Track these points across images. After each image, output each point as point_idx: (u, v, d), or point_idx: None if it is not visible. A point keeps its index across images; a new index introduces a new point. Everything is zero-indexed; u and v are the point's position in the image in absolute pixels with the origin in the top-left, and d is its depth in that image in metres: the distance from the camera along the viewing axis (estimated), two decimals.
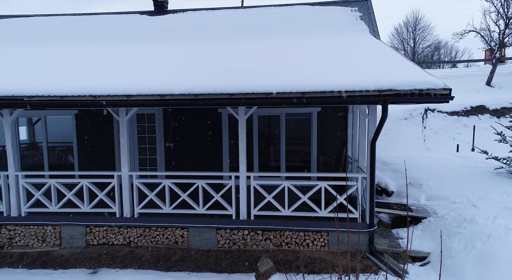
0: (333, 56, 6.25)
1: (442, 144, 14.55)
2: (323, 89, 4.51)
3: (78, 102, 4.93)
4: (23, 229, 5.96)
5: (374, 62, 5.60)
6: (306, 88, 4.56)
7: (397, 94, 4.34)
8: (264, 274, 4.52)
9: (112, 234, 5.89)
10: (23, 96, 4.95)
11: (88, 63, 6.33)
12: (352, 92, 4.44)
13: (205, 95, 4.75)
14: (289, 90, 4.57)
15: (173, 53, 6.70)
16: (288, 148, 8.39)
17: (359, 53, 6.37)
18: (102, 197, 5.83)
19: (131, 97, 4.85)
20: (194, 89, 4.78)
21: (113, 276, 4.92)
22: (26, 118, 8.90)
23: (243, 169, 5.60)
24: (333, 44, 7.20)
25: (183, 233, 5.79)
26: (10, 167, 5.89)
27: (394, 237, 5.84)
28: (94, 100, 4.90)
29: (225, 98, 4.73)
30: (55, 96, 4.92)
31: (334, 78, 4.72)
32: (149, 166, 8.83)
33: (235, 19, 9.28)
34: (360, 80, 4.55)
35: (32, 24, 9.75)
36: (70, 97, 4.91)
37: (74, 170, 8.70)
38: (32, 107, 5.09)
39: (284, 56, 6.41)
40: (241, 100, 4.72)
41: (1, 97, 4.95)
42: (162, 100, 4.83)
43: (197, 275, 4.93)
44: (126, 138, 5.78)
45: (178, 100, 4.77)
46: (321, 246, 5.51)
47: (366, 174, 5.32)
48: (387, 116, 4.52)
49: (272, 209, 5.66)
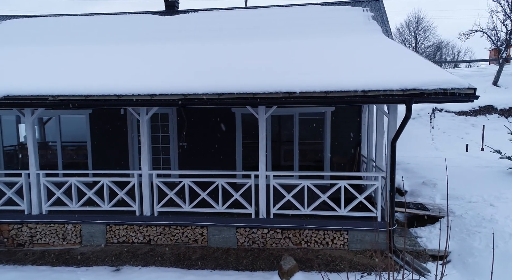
0: (350, 56, 6.28)
1: (450, 144, 14.55)
2: (346, 88, 4.54)
3: (102, 101, 4.99)
4: (44, 227, 6.03)
5: (393, 62, 5.63)
6: (329, 88, 4.59)
7: (421, 93, 4.37)
8: (288, 272, 4.56)
9: (132, 232, 5.94)
10: (48, 95, 5.01)
11: (108, 63, 6.38)
12: (376, 91, 4.47)
13: (228, 95, 4.79)
14: (313, 90, 4.60)
15: (192, 52, 6.75)
16: (301, 147, 8.42)
17: (376, 53, 6.40)
18: (122, 195, 5.88)
19: (154, 96, 4.90)
20: (218, 89, 4.82)
21: (137, 274, 4.97)
22: (37, 118, 8.96)
23: (262, 168, 5.64)
24: (348, 44, 7.23)
25: (203, 232, 5.84)
26: (32, 166, 5.95)
27: (413, 236, 5.87)
28: (118, 100, 4.96)
29: (248, 97, 4.77)
30: (79, 96, 4.98)
31: (357, 78, 4.75)
32: (162, 165, 8.89)
33: (247, 19, 9.32)
34: (383, 80, 4.58)
35: (46, 24, 9.83)
36: (94, 97, 4.97)
37: (88, 169, 8.77)
38: (56, 106, 5.15)
39: (301, 56, 6.45)
40: (264, 100, 4.76)
41: (26, 97, 5.01)
42: (185, 100, 4.87)
43: (220, 273, 4.97)
44: (146, 137, 5.83)
45: (202, 99, 4.82)
46: (340, 244, 5.54)
47: (386, 173, 5.35)
48: (410, 116, 4.55)
49: (292, 208, 5.70)
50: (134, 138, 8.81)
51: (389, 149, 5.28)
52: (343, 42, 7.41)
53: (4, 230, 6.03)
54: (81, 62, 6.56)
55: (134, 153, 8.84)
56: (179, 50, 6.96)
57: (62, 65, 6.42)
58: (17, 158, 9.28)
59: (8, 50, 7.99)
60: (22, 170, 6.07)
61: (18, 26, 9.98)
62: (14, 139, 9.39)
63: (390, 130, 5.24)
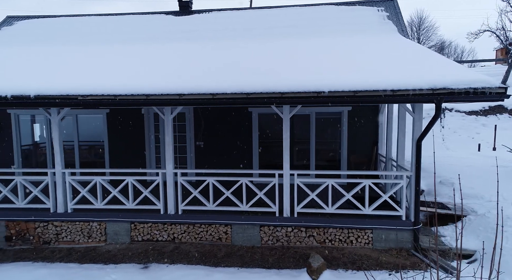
0: (372, 55, 6.30)
1: (461, 143, 14.53)
2: (375, 88, 4.58)
3: (131, 101, 5.05)
4: (69, 225, 6.10)
5: (417, 61, 5.65)
6: (358, 87, 4.63)
7: (451, 92, 4.40)
8: (317, 270, 4.60)
9: (157, 231, 6.00)
10: (78, 95, 5.08)
11: (132, 63, 6.45)
12: (405, 91, 4.50)
13: (256, 94, 4.84)
14: (341, 89, 4.64)
15: (216, 52, 6.81)
16: (318, 147, 8.46)
17: (397, 52, 6.42)
18: (146, 194, 5.95)
19: (183, 96, 4.95)
20: (245, 88, 4.87)
21: (165, 271, 5.03)
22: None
23: (286, 167, 5.69)
24: (366, 44, 7.25)
25: (227, 230, 5.89)
26: (57, 165, 6.03)
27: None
28: (147, 99, 5.02)
29: (276, 97, 4.82)
30: (108, 95, 5.04)
31: (384, 77, 4.78)
32: (179, 165, 8.96)
33: (263, 19, 9.36)
34: (411, 79, 4.61)
35: (61, 24, 9.93)
36: (123, 96, 5.03)
37: (105, 167, 8.84)
38: (86, 106, 5.22)
39: (323, 55, 6.49)
40: (293, 99, 4.80)
41: (56, 96, 5.08)
42: (214, 99, 4.92)
43: (247, 271, 5.02)
44: (171, 136, 5.88)
45: (230, 99, 4.87)
46: (365, 243, 5.58)
47: (411, 173, 5.38)
48: (440, 115, 4.58)
49: (315, 206, 5.74)
50: (151, 138, 8.88)
51: (414, 149, 5.31)
52: (360, 42, 7.43)
53: (30, 228, 6.12)
54: (105, 62, 6.63)
55: (151, 152, 8.91)
56: (202, 50, 7.03)
57: (87, 65, 6.49)
58: (33, 157, 9.37)
59: (28, 50, 8.08)
60: (48, 168, 6.14)
61: (32, 26, 10.09)
62: (29, 138, 9.47)
63: (416, 129, 5.26)
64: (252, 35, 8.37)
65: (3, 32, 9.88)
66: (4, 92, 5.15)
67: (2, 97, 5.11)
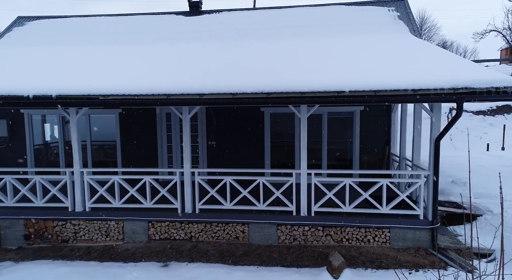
0: (386, 55, 6.32)
1: (469, 143, 14.51)
2: (396, 87, 4.60)
3: (152, 100, 5.10)
4: (87, 223, 6.16)
5: (434, 61, 5.66)
6: (378, 87, 4.66)
7: (472, 92, 4.42)
8: (338, 268, 4.63)
9: (174, 229, 6.05)
10: (99, 95, 5.13)
11: (148, 62, 6.50)
12: (426, 90, 4.52)
13: (276, 94, 4.88)
14: (362, 89, 4.67)
15: (232, 52, 6.85)
16: (330, 146, 8.48)
17: (412, 52, 6.43)
18: (164, 193, 6.00)
19: (203, 95, 5.00)
20: (265, 88, 4.91)
21: (185, 269, 5.07)
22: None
23: (304, 166, 5.72)
24: (380, 44, 7.27)
25: (244, 229, 5.93)
26: (76, 164, 6.08)
27: (452, 234, 5.90)
28: (168, 99, 5.06)
29: (296, 96, 4.85)
30: (129, 95, 5.09)
31: (405, 77, 4.81)
32: (192, 164, 8.99)
33: (274, 19, 9.39)
34: (432, 79, 4.63)
35: (73, 24, 10.00)
36: (144, 96, 5.08)
37: (117, 167, 8.90)
38: (106, 105, 5.27)
39: (337, 55, 6.51)
40: (313, 99, 4.83)
41: (78, 96, 5.14)
42: (234, 99, 4.97)
43: (267, 269, 5.06)
44: (189, 136, 5.93)
45: (251, 98, 4.91)
46: (382, 242, 5.60)
47: (429, 172, 5.40)
48: (461, 114, 4.60)
49: (332, 205, 5.77)
50: (163, 137, 8.94)
51: (432, 148, 5.33)
52: (373, 42, 7.45)
53: (49, 227, 6.17)
54: (122, 62, 6.68)
55: (163, 152, 8.97)
56: (218, 50, 7.07)
57: (104, 65, 6.55)
58: (44, 157, 9.44)
59: (43, 50, 8.15)
60: (63, 168, 6.20)
61: (44, 26, 10.16)
62: (39, 138, 9.53)
63: (434, 129, 5.29)
64: (264, 35, 8.41)
65: (15, 33, 9.96)
66: (26, 92, 5.21)
67: (24, 97, 5.17)
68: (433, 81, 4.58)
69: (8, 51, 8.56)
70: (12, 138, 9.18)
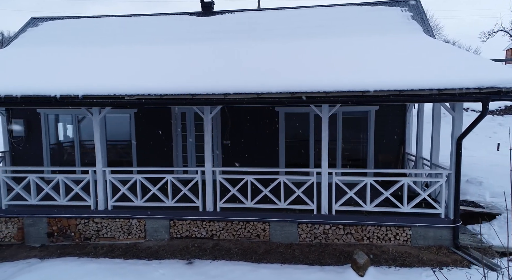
0: (405, 55, 6.36)
1: (478, 143, 14.50)
2: (421, 87, 4.65)
3: (177, 100, 5.16)
4: (110, 222, 6.24)
5: (455, 60, 5.69)
6: (403, 86, 4.70)
7: (498, 91, 4.46)
8: (363, 266, 4.68)
9: (195, 228, 6.12)
10: (124, 95, 5.20)
11: (171, 63, 6.57)
12: (452, 90, 4.57)
13: (300, 93, 4.93)
14: (387, 89, 4.72)
15: (251, 51, 6.91)
16: (345, 146, 8.53)
17: (430, 52, 6.46)
18: (185, 191, 6.07)
19: (228, 95, 5.06)
20: (290, 88, 4.96)
21: (210, 267, 5.14)
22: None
23: (325, 165, 5.78)
24: (397, 44, 7.30)
25: (265, 227, 5.99)
26: (98, 163, 6.17)
27: (472, 233, 5.94)
28: (192, 99, 5.13)
29: (320, 96, 4.91)
30: (155, 95, 5.16)
31: (429, 77, 4.85)
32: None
33: (287, 19, 9.44)
34: (457, 79, 4.67)
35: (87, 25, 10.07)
36: (169, 96, 5.14)
37: (132, 166, 8.98)
38: (131, 105, 5.34)
39: (356, 55, 6.56)
40: (337, 98, 4.88)
41: (104, 96, 5.21)
42: (258, 98, 5.02)
43: (291, 267, 5.12)
44: (210, 135, 5.99)
45: (276, 98, 4.97)
46: (403, 240, 5.65)
47: (450, 171, 5.44)
48: (486, 114, 4.64)
49: (353, 204, 5.82)
50: (178, 137, 9.01)
51: (454, 147, 5.37)
52: (389, 42, 7.48)
53: (72, 225, 6.26)
54: (143, 62, 6.76)
55: (178, 151, 9.04)
56: (236, 50, 7.13)
57: (125, 65, 6.63)
58: (57, 156, 9.52)
59: (60, 50, 8.24)
60: (89, 167, 6.28)
61: (58, 27, 10.24)
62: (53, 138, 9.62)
63: (456, 128, 5.33)
64: (279, 35, 8.46)
65: (30, 33, 10.06)
66: (53, 92, 5.29)
67: (51, 97, 5.26)
68: (458, 81, 4.62)
69: (24, 51, 8.66)
70: (28, 138, 9.30)
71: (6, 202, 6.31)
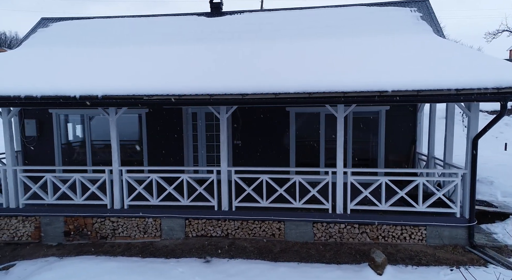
0: (418, 55, 6.39)
1: (485, 143, 14.48)
2: (439, 87, 4.69)
3: (196, 100, 5.22)
4: (126, 221, 6.30)
5: (469, 60, 5.72)
6: (421, 86, 4.74)
7: None
8: (381, 265, 4.73)
9: (211, 227, 6.17)
10: (143, 95, 5.26)
11: (185, 63, 6.62)
12: (470, 90, 4.60)
13: (318, 94, 4.98)
14: (405, 88, 4.76)
15: (261, 52, 6.96)
16: (355, 146, 8.57)
17: (443, 52, 6.49)
18: (201, 191, 6.12)
19: (246, 95, 5.11)
20: (308, 88, 5.01)
21: (228, 265, 5.19)
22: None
23: (340, 165, 5.82)
24: (409, 44, 7.33)
25: (280, 226, 6.04)
26: (114, 162, 6.23)
27: (486, 232, 5.97)
28: (211, 99, 5.18)
29: (338, 96, 4.95)
30: (173, 95, 5.21)
31: (446, 77, 4.89)
32: (216, 163, 9.13)
33: (297, 20, 9.49)
34: (475, 79, 4.71)
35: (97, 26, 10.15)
36: (188, 96, 5.20)
37: (143, 165, 9.04)
38: (150, 105, 5.40)
39: (368, 54, 6.60)
40: (355, 98, 4.93)
41: (124, 96, 5.27)
42: (276, 99, 5.07)
43: (308, 265, 5.16)
44: (226, 135, 6.04)
45: (294, 98, 5.01)
46: (418, 239, 5.68)
47: (466, 170, 5.48)
48: (505, 113, 4.68)
49: (367, 203, 5.86)
50: (189, 136, 9.07)
51: (470, 147, 5.41)
52: (400, 42, 7.52)
53: (88, 224, 6.32)
54: (158, 63, 6.81)
55: (188, 151, 9.10)
56: (252, 50, 7.18)
57: (140, 65, 6.68)
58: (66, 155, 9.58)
59: (72, 50, 8.31)
60: (104, 166, 6.34)
61: (68, 27, 10.31)
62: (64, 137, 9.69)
63: (472, 128, 5.37)
64: (289, 35, 8.53)
65: (40, 34, 10.13)
66: (72, 92, 5.35)
67: (71, 97, 5.32)
68: (476, 81, 4.66)
69: (37, 51, 8.74)
70: (40, 138, 9.37)
71: (23, 201, 6.38)
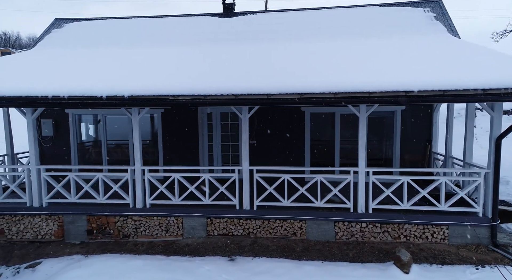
0: (437, 55, 6.42)
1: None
2: (465, 87, 4.72)
3: (221, 100, 5.27)
4: (148, 219, 6.36)
5: (491, 60, 5.74)
6: (447, 86, 4.77)
7: None
8: (407, 263, 4.76)
9: (232, 225, 6.23)
10: (169, 95, 5.32)
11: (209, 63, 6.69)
12: (497, 90, 4.63)
13: (343, 94, 5.02)
14: (431, 88, 4.79)
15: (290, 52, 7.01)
16: (370, 146, 8.59)
17: (463, 52, 6.52)
18: (223, 190, 6.18)
19: (271, 96, 5.16)
20: (333, 88, 5.05)
21: (253, 264, 5.24)
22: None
23: (362, 165, 5.86)
24: (426, 44, 7.36)
25: (301, 225, 6.09)
26: (137, 162, 6.29)
27: (508, 231, 6.00)
28: (236, 99, 5.24)
29: (364, 96, 4.99)
30: (198, 95, 5.27)
31: (471, 76, 4.91)
32: (231, 163, 9.19)
33: (311, 20, 9.53)
34: (500, 78, 4.73)
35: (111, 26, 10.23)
36: (213, 96, 5.25)
37: (158, 165, 9.11)
38: (175, 105, 5.45)
39: (388, 55, 6.63)
40: (381, 98, 4.96)
41: (150, 97, 5.33)
42: (301, 99, 5.12)
43: (332, 264, 5.20)
44: (247, 134, 6.09)
45: (319, 98, 5.06)
46: (440, 239, 5.72)
47: (488, 170, 5.51)
48: None
49: (389, 203, 5.90)
50: (204, 136, 9.13)
51: (493, 147, 5.44)
52: (418, 42, 7.55)
53: (111, 222, 6.39)
54: (181, 63, 6.88)
55: (204, 150, 9.16)
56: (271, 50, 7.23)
57: (161, 66, 6.75)
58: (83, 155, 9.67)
59: (90, 51, 8.39)
60: (127, 165, 6.41)
61: (83, 28, 10.40)
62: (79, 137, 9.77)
63: (495, 128, 5.40)
64: (305, 35, 8.57)
65: (55, 34, 10.23)
66: (98, 92, 5.42)
67: (97, 98, 5.38)
68: (502, 80, 4.69)
69: (53, 52, 8.83)
70: (56, 137, 9.46)
71: (47, 200, 6.46)
